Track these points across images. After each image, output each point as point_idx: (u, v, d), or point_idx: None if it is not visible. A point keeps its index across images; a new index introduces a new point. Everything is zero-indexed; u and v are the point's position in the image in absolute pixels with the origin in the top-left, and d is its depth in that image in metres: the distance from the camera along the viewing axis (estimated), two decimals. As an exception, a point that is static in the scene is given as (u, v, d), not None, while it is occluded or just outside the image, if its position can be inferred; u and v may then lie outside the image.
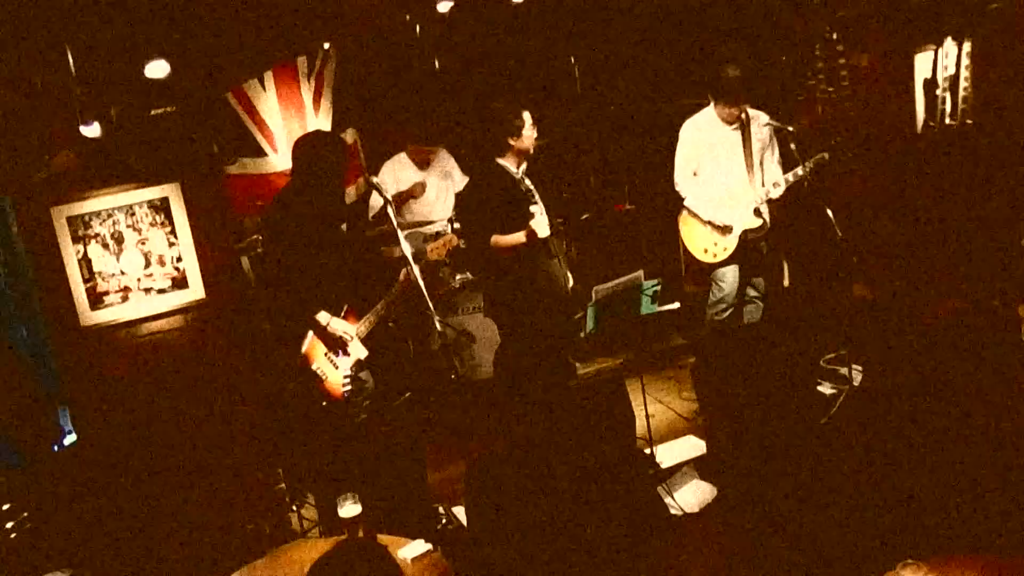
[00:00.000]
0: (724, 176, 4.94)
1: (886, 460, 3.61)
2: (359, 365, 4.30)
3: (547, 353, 4.55)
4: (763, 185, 4.86)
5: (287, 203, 4.16)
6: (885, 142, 5.29)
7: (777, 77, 5.95)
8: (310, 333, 4.18)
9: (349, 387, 4.22)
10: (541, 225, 4.21)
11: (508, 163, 4.38)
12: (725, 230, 4.93)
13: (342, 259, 4.37)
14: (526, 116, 4.33)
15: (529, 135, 4.34)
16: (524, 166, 4.43)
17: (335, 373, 4.22)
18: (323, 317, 4.17)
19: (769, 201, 4.90)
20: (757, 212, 4.89)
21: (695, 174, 5.01)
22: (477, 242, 4.48)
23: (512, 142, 4.34)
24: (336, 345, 4.18)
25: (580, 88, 6.01)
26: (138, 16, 3.79)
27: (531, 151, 4.39)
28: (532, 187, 4.44)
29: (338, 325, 4.18)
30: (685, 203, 5.06)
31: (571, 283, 4.66)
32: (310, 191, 4.11)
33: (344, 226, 4.45)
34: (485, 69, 6.19)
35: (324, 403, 4.28)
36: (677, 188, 5.06)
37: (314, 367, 4.24)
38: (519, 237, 4.27)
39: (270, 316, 4.83)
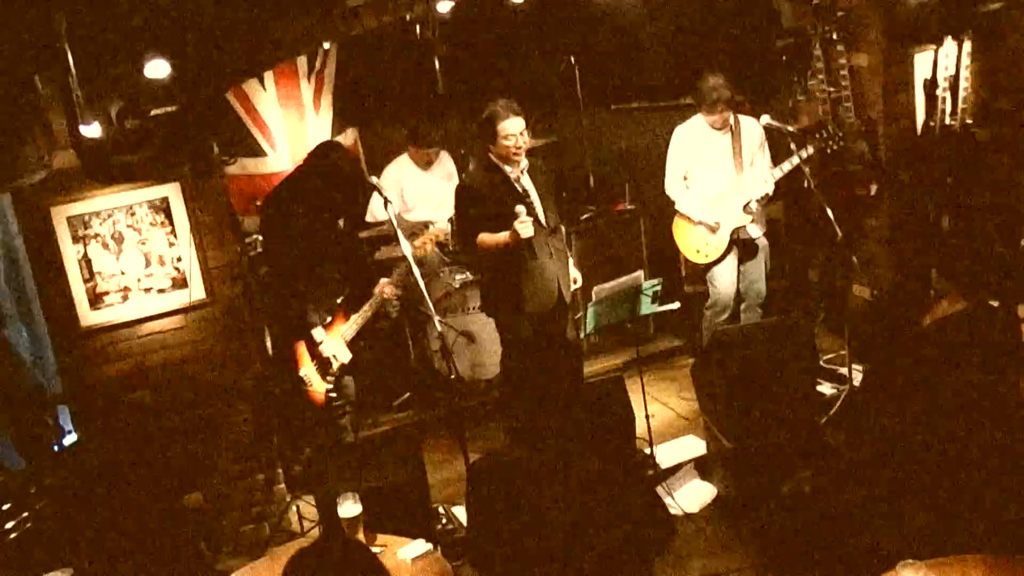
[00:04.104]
0: (714, 178, 4.99)
1: (886, 460, 3.61)
2: (343, 370, 4.34)
3: (543, 352, 4.55)
4: (755, 183, 4.90)
5: (289, 199, 4.22)
6: (885, 142, 5.29)
7: (777, 77, 5.95)
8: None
9: (333, 394, 4.26)
10: (524, 227, 4.14)
11: (501, 162, 4.36)
12: (714, 229, 4.97)
13: (338, 257, 4.41)
14: (506, 124, 4.19)
15: (507, 144, 4.22)
16: (525, 164, 4.39)
17: (320, 381, 4.27)
18: (318, 334, 4.22)
19: (763, 198, 4.93)
20: (747, 209, 4.92)
21: (685, 178, 5.07)
22: (466, 239, 4.47)
23: (490, 146, 4.30)
24: (324, 364, 4.26)
25: (580, 88, 6.00)
26: (138, 16, 3.78)
27: (512, 159, 4.28)
28: (529, 187, 4.40)
29: (328, 347, 4.23)
30: (676, 207, 5.10)
31: (575, 284, 4.63)
32: (313, 190, 4.17)
33: (341, 222, 4.47)
34: (485, 69, 6.19)
35: (307, 410, 4.33)
36: (668, 193, 5.11)
37: (301, 373, 4.28)
38: (503, 237, 4.23)
39: (269, 321, 4.87)
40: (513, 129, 4.21)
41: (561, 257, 4.52)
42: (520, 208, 4.15)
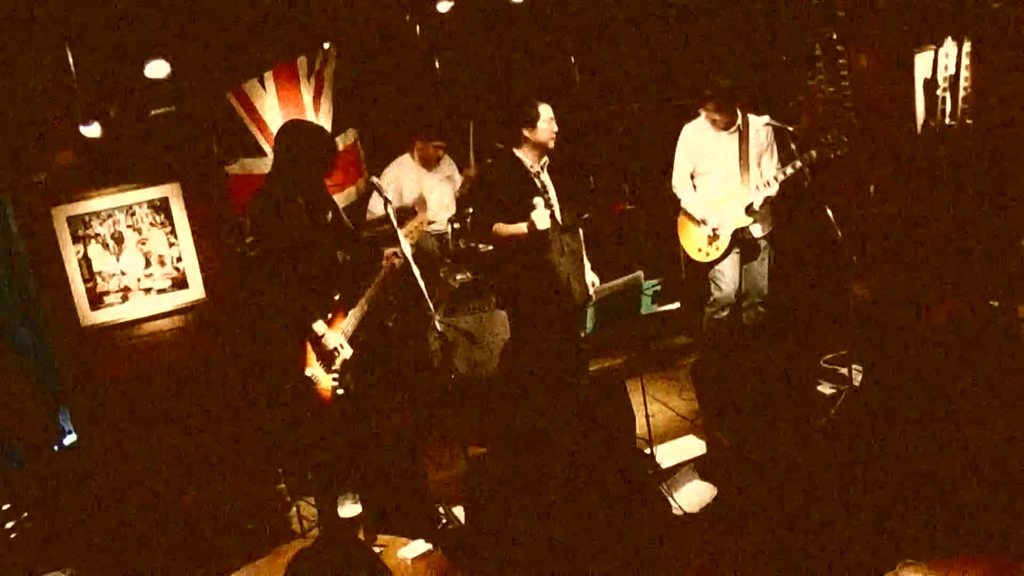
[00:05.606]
0: (720, 178, 4.98)
1: (886, 460, 3.61)
2: (345, 365, 4.34)
3: (549, 349, 4.56)
4: (758, 185, 4.89)
5: (270, 193, 4.20)
6: (885, 142, 5.29)
7: (777, 77, 5.95)
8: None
9: (340, 391, 4.26)
10: (541, 218, 4.24)
11: (524, 155, 4.45)
12: (717, 228, 4.97)
13: (330, 251, 4.39)
14: (543, 109, 4.38)
15: (545, 128, 4.38)
16: (544, 160, 4.47)
17: (326, 377, 4.26)
18: (319, 327, 4.21)
19: (765, 200, 4.93)
20: (749, 210, 4.92)
21: (692, 176, 5.07)
22: (483, 228, 4.60)
23: (527, 134, 4.41)
24: (328, 357, 4.25)
25: (580, 88, 6.01)
26: (138, 16, 3.79)
27: (549, 144, 4.42)
28: (548, 183, 4.47)
29: (332, 338, 4.22)
30: (681, 204, 5.11)
31: (593, 287, 4.64)
32: (291, 179, 4.14)
33: (329, 215, 4.45)
34: (485, 69, 6.19)
35: (314, 408, 4.32)
36: (674, 190, 5.12)
37: (308, 372, 4.28)
38: (520, 228, 4.34)
39: (269, 320, 4.85)
40: (551, 113, 4.43)
41: (575, 256, 4.56)
42: (538, 200, 4.27)
